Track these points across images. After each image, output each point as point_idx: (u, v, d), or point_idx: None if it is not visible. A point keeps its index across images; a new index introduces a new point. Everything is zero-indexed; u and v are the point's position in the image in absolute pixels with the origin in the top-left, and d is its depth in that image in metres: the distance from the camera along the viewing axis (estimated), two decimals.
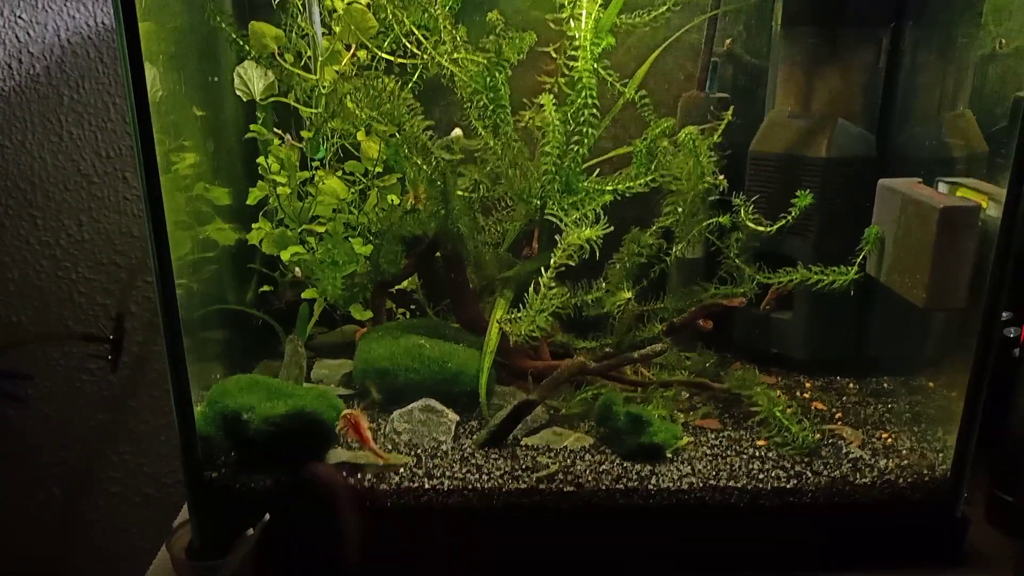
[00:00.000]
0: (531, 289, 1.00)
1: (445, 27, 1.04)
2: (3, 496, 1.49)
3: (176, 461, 1.48)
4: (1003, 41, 1.18)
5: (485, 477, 0.96)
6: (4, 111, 1.32)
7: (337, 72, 1.08)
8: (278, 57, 1.08)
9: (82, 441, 1.48)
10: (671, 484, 0.96)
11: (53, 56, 1.31)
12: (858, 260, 1.07)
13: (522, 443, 1.03)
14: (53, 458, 1.48)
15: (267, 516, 0.89)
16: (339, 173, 1.18)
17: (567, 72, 1.04)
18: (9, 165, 1.35)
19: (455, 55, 1.03)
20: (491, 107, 1.04)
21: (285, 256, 1.15)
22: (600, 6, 1.03)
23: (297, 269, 1.14)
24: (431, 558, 0.97)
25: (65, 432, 1.47)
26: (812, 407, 1.14)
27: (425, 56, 1.07)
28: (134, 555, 1.54)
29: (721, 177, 1.08)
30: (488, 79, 1.02)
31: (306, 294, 1.21)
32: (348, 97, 1.05)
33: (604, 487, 0.95)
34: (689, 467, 0.99)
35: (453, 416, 1.05)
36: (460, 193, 1.10)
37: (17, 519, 1.51)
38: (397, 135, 1.05)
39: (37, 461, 1.48)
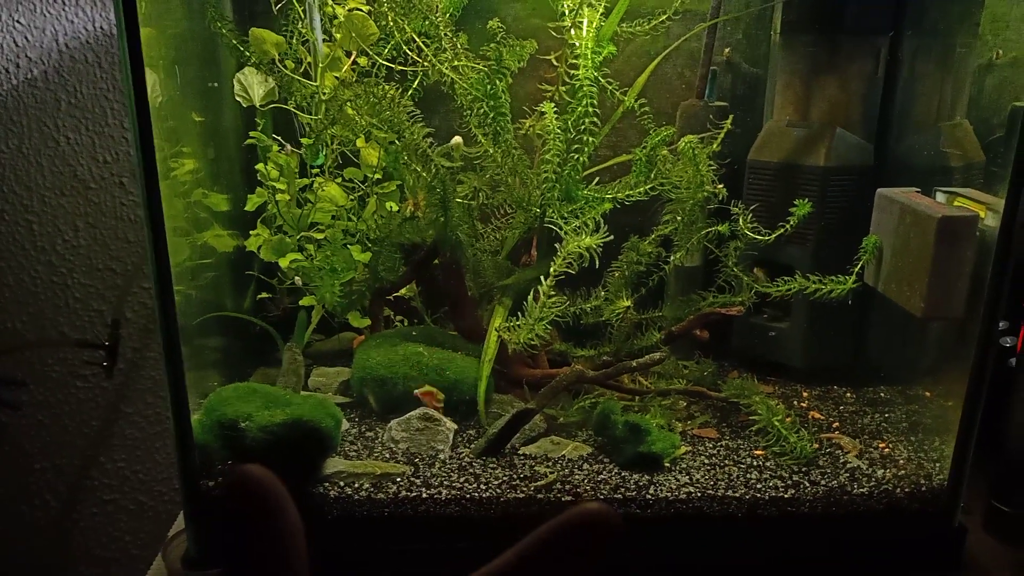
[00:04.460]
0: (530, 297, 1.00)
1: (446, 34, 1.04)
2: None
3: (171, 469, 1.48)
4: (1000, 51, 1.19)
5: (483, 486, 0.95)
6: (1, 116, 1.32)
7: (337, 79, 1.08)
8: (278, 63, 1.07)
9: (76, 448, 1.47)
10: (669, 494, 0.96)
11: (51, 61, 1.30)
12: (856, 269, 1.07)
13: (520, 452, 1.03)
14: (47, 465, 1.47)
15: None
16: (338, 180, 1.17)
17: (568, 80, 1.04)
18: (5, 170, 1.34)
19: (455, 62, 1.03)
20: (491, 114, 1.04)
21: (284, 263, 1.14)
22: (601, 15, 1.03)
23: (297, 278, 1.13)
24: (429, 568, 0.96)
25: (59, 439, 1.46)
26: (809, 416, 1.14)
27: (425, 63, 1.07)
28: (128, 562, 1.53)
29: (720, 186, 1.09)
30: (488, 86, 1.02)
31: (304, 301, 1.21)
32: (348, 104, 1.04)
33: (602, 496, 0.95)
34: (687, 476, 0.98)
35: (451, 425, 1.05)
36: (459, 200, 1.10)
37: (11, 526, 1.50)
38: (396, 142, 1.05)
39: (31, 468, 1.47)
